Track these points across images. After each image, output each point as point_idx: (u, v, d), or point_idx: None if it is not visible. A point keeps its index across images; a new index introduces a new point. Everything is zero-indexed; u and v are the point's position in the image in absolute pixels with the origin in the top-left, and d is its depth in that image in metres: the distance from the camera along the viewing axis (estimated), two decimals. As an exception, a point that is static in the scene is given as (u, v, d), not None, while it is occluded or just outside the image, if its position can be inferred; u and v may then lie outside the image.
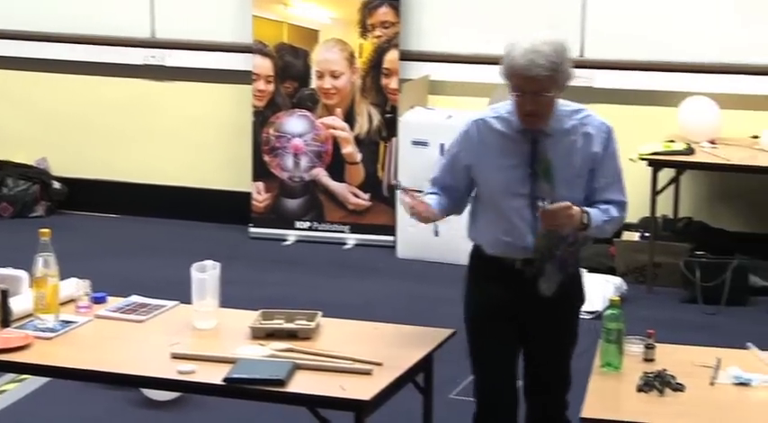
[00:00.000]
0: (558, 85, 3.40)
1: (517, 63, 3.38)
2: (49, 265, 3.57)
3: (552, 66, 3.35)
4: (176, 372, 3.29)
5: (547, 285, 3.50)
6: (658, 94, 6.58)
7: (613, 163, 3.54)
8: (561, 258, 3.50)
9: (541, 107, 3.42)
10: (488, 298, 3.61)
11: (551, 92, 3.40)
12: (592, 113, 3.55)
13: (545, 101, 3.41)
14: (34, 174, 7.56)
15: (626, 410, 3.11)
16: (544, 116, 3.44)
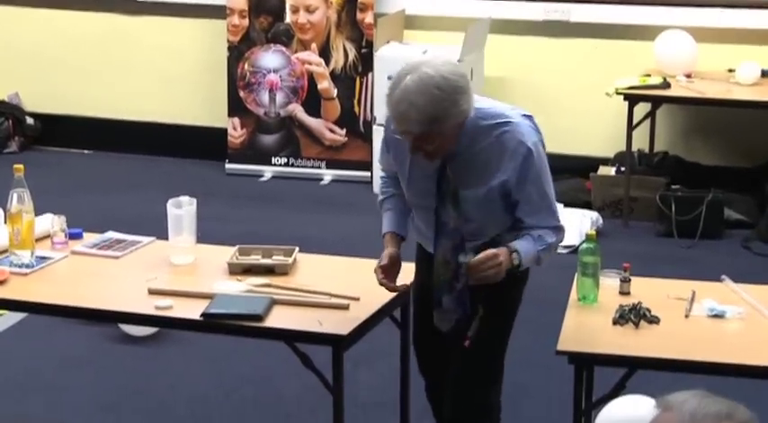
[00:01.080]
0: (442, 131, 2.99)
1: (391, 110, 3.03)
2: (24, 200, 3.55)
3: (428, 120, 2.94)
4: (154, 307, 3.29)
5: (440, 320, 3.25)
6: (634, 27, 6.56)
7: (535, 187, 3.10)
8: (461, 292, 3.19)
9: (431, 150, 3.03)
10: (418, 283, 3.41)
11: (434, 141, 3.00)
12: (513, 129, 3.08)
13: (431, 147, 3.03)
14: (6, 109, 7.49)
15: (601, 343, 3.13)
16: (439, 154, 3.06)
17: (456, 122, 3.01)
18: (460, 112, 2.99)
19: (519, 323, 4.63)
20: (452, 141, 3.05)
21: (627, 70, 6.28)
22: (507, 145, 3.06)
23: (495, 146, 3.07)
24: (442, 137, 3.01)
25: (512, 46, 6.78)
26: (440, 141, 3.02)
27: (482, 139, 3.08)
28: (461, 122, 3.03)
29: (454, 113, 2.98)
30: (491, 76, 6.80)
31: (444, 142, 3.04)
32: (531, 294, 4.73)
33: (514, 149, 3.06)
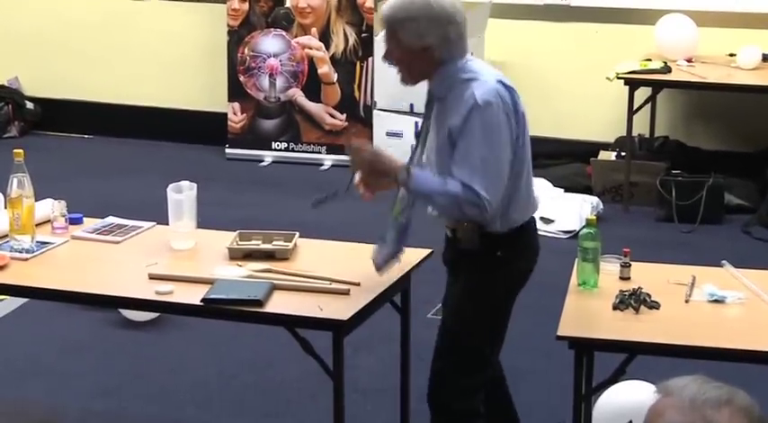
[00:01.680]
0: (397, 40, 3.20)
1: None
2: (24, 185, 3.54)
3: (390, 18, 3.19)
4: (154, 292, 3.29)
5: (375, 253, 3.34)
6: (635, 11, 6.54)
7: (468, 141, 3.13)
8: (404, 227, 3.30)
9: (393, 60, 3.26)
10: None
11: (392, 45, 3.22)
12: (477, 84, 3.18)
13: (393, 54, 3.24)
14: (6, 93, 7.49)
15: (601, 328, 3.13)
16: (400, 71, 3.27)
17: (412, 42, 3.19)
18: (416, 33, 3.18)
19: (519, 308, 4.64)
20: (412, 67, 3.24)
21: (627, 55, 6.27)
22: (465, 94, 3.18)
23: (459, 95, 3.20)
24: (400, 49, 3.22)
25: (512, 30, 6.76)
26: (399, 54, 3.23)
27: (455, 90, 3.21)
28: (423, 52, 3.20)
29: (410, 29, 3.18)
30: (492, 60, 6.78)
31: (403, 59, 3.23)
32: (531, 279, 4.73)
33: (467, 99, 3.17)
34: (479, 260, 3.29)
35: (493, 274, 3.33)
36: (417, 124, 3.74)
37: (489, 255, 3.28)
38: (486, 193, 3.13)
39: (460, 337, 3.38)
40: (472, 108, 3.14)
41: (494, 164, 3.15)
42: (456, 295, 3.40)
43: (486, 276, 3.33)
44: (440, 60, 3.22)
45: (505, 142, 3.18)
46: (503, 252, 3.31)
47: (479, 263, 3.30)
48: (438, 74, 3.24)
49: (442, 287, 5.24)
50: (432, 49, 3.20)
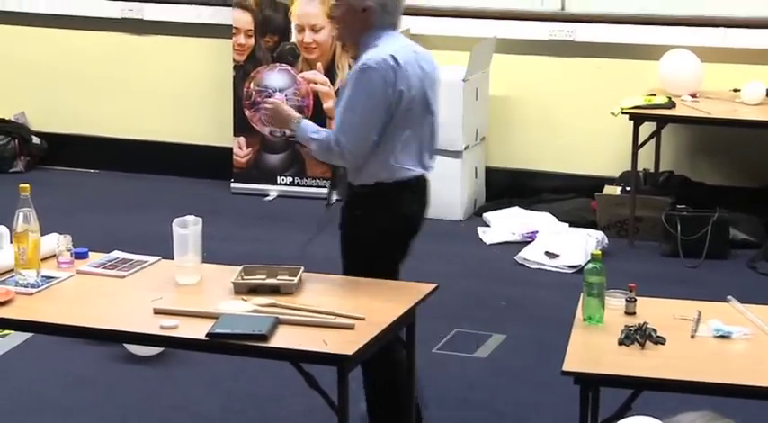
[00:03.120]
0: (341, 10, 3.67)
1: None
2: (30, 220, 3.55)
3: None
4: (159, 327, 3.29)
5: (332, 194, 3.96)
6: (639, 47, 6.57)
7: (343, 97, 3.66)
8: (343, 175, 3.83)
9: (336, 19, 3.73)
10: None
11: (338, 5, 3.69)
12: (375, 50, 3.65)
13: (337, 14, 3.71)
14: (13, 128, 7.51)
15: (607, 363, 3.13)
16: (340, 31, 3.76)
17: (357, 3, 3.63)
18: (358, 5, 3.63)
19: (523, 342, 4.64)
20: (349, 27, 3.68)
21: (632, 90, 6.28)
22: (362, 58, 3.65)
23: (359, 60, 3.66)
24: (344, 10, 3.66)
25: (517, 65, 6.79)
26: (341, 14, 3.68)
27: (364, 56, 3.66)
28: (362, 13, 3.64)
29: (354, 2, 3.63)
30: (497, 95, 6.82)
31: (344, 19, 3.68)
32: (536, 314, 4.75)
33: (358, 62, 3.64)
34: (347, 215, 3.76)
35: (355, 232, 3.75)
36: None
37: (349, 210, 3.76)
38: (346, 143, 3.60)
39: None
40: (357, 70, 3.62)
41: (358, 120, 3.60)
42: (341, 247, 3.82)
43: (351, 233, 3.77)
44: (372, 25, 3.66)
45: (376, 105, 3.60)
46: (361, 211, 3.74)
47: (347, 218, 3.76)
48: (365, 41, 3.68)
49: (448, 322, 5.24)
50: (369, 11, 3.65)
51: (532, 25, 6.69)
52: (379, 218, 3.74)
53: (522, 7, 6.70)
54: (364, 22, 3.67)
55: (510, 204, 6.62)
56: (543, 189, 6.79)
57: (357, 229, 3.76)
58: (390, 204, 3.75)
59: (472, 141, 6.63)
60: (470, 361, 4.80)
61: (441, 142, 6.52)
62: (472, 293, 5.51)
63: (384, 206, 3.74)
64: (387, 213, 3.75)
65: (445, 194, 6.56)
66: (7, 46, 7.55)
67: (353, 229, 3.76)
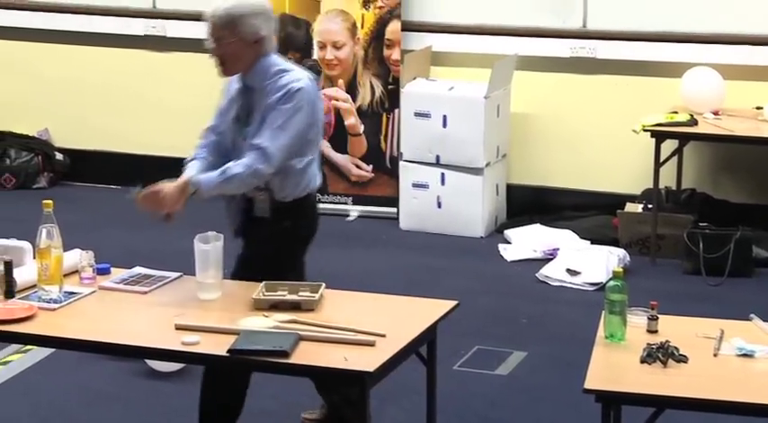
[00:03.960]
0: (237, 34, 3.76)
1: (206, 12, 3.84)
2: (53, 236, 3.57)
3: (229, 16, 3.76)
4: (180, 343, 3.30)
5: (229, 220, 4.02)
6: (661, 64, 6.55)
7: (274, 115, 3.76)
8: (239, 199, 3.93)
9: (224, 55, 3.81)
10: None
11: (230, 38, 3.77)
12: (290, 74, 3.83)
13: (225, 49, 3.80)
14: (36, 145, 7.56)
15: (629, 382, 3.11)
16: (229, 64, 3.83)
17: (249, 34, 3.76)
18: (254, 25, 3.77)
19: (545, 360, 4.62)
20: (242, 60, 3.80)
21: (654, 107, 6.27)
22: (281, 82, 3.79)
23: (273, 84, 3.80)
24: (234, 44, 3.76)
25: (539, 82, 6.79)
26: (232, 48, 3.77)
27: (269, 79, 3.81)
28: (255, 44, 3.78)
29: (249, 23, 3.77)
30: (518, 112, 6.81)
31: (235, 52, 3.78)
32: (557, 331, 4.73)
33: (284, 84, 3.78)
34: (270, 228, 3.85)
35: (280, 241, 3.87)
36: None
37: (278, 223, 3.85)
38: (276, 152, 3.74)
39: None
40: (287, 91, 3.76)
41: (286, 135, 3.76)
42: (248, 259, 3.91)
43: (275, 243, 3.86)
44: (263, 53, 3.82)
45: (301, 123, 3.78)
46: (290, 221, 3.87)
47: (270, 230, 3.85)
48: (256, 66, 3.82)
49: (468, 339, 5.23)
50: (262, 41, 3.80)
51: (554, 42, 6.69)
52: (304, 226, 3.97)
53: (544, 24, 6.70)
54: (257, 52, 3.82)
55: (531, 221, 6.61)
56: (565, 206, 6.77)
57: (284, 239, 3.91)
58: (313, 212, 4.03)
59: (493, 158, 6.63)
60: (491, 378, 4.79)
61: (462, 159, 6.62)
62: (493, 310, 5.50)
63: (307, 214, 3.98)
64: (309, 221, 4.01)
65: (466, 211, 6.56)
66: (31, 63, 7.60)
67: (281, 239, 3.89)
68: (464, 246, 6.41)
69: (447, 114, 6.49)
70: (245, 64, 3.83)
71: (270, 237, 3.90)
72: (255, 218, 3.90)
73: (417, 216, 6.64)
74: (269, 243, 3.90)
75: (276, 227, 3.89)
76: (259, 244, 3.93)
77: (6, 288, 3.60)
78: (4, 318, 3.44)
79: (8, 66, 7.64)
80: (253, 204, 3.90)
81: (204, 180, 3.79)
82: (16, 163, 7.47)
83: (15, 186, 7.45)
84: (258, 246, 3.93)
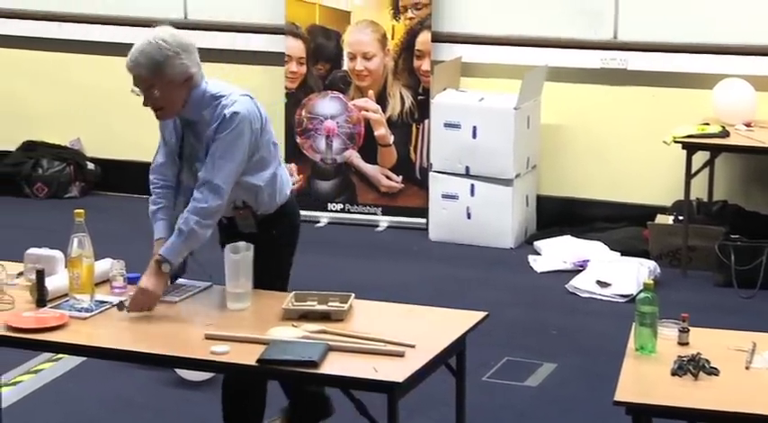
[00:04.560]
0: (165, 79, 3.66)
1: (127, 63, 3.75)
2: (84, 245, 3.59)
3: (154, 64, 3.66)
4: (210, 352, 3.31)
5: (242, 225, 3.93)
6: (693, 76, 6.52)
7: (215, 146, 3.70)
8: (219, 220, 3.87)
9: (158, 101, 3.72)
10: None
11: (159, 89, 3.68)
12: (229, 100, 3.75)
13: (158, 96, 3.70)
14: (68, 154, 7.61)
15: (660, 394, 3.10)
16: (167, 108, 3.76)
17: (179, 75, 3.68)
18: (182, 64, 3.68)
19: (575, 372, 4.60)
20: (177, 100, 3.72)
21: (685, 119, 6.24)
22: (218, 110, 3.72)
23: (211, 112, 3.74)
24: (166, 88, 3.68)
25: (569, 94, 6.78)
26: (164, 93, 3.68)
27: (207, 109, 3.75)
28: (186, 82, 3.70)
29: (176, 64, 3.68)
30: (548, 123, 6.80)
31: (169, 96, 3.70)
32: (587, 343, 4.72)
33: (220, 113, 3.71)
34: (259, 239, 3.79)
35: (271, 250, 3.86)
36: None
37: (266, 233, 3.86)
38: (223, 184, 3.69)
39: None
40: (226, 118, 3.70)
41: (230, 164, 3.70)
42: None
43: (266, 252, 3.79)
44: (195, 86, 3.73)
45: (244, 146, 3.72)
46: (276, 230, 3.90)
47: (259, 242, 3.77)
48: (190, 101, 3.74)
49: (498, 350, 5.22)
50: (193, 76, 3.72)
51: (584, 53, 6.68)
52: (290, 232, 4.03)
53: (575, 35, 6.69)
54: (188, 88, 3.74)
55: (561, 232, 6.59)
56: (595, 217, 6.75)
57: (272, 248, 3.91)
58: (295, 213, 4.07)
59: (523, 169, 6.62)
60: (521, 390, 4.77)
61: (492, 170, 6.62)
62: (523, 322, 5.49)
63: (291, 218, 4.03)
64: (294, 223, 4.06)
65: (496, 222, 6.55)
66: (63, 73, 7.65)
67: (271, 248, 3.89)
68: (494, 257, 6.40)
69: (477, 125, 6.49)
70: (179, 103, 3.75)
71: (260, 247, 3.79)
72: (242, 233, 3.87)
73: (447, 227, 6.64)
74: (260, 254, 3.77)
75: (265, 236, 3.88)
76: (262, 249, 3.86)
77: (38, 297, 3.63)
78: (36, 326, 3.47)
79: (41, 76, 7.70)
80: (236, 223, 3.89)
81: (169, 253, 3.69)
82: (48, 172, 7.53)
83: (47, 196, 7.50)
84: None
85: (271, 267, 3.89)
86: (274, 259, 3.94)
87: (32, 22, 7.55)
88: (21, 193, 7.50)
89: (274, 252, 3.93)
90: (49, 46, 7.60)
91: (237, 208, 3.85)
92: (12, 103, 7.77)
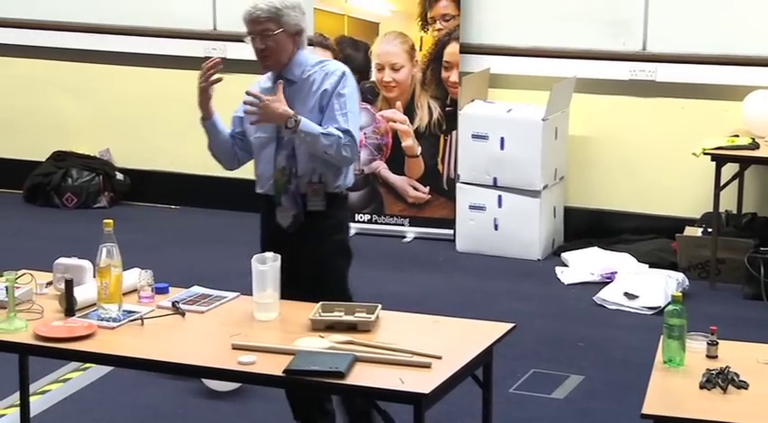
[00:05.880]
0: (282, 26, 3.97)
1: (245, 11, 4.03)
2: (113, 255, 3.61)
3: (272, 9, 3.97)
4: (237, 362, 3.31)
5: (281, 216, 4.02)
6: (722, 87, 6.50)
7: (342, 99, 3.98)
8: (294, 192, 4.00)
9: (269, 50, 4.00)
10: (263, 233, 4.19)
11: (275, 31, 3.96)
12: (333, 62, 4.11)
13: (271, 44, 3.98)
14: (98, 165, 7.65)
15: (688, 408, 3.08)
16: (274, 58, 4.01)
17: (292, 26, 3.98)
18: (296, 17, 4.00)
19: (602, 384, 4.58)
20: (285, 52, 4.00)
21: (714, 130, 6.22)
22: (328, 69, 4.04)
23: (319, 72, 4.03)
24: (279, 36, 3.96)
25: (598, 105, 6.76)
26: (277, 41, 3.97)
27: (310, 70, 4.04)
28: (295, 35, 4.00)
29: (292, 15, 3.99)
30: (576, 134, 6.79)
31: (280, 46, 3.98)
32: (614, 355, 4.69)
33: (334, 71, 4.02)
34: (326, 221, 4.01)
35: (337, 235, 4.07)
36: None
37: (331, 215, 4.02)
38: (357, 136, 3.98)
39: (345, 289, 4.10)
40: (341, 76, 4.00)
41: (357, 117, 4.05)
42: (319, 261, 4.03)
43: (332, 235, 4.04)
44: (300, 45, 4.04)
45: (358, 105, 4.08)
46: (342, 213, 4.09)
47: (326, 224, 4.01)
48: (294, 60, 4.03)
49: (525, 362, 5.20)
50: (302, 32, 4.02)
51: (613, 65, 6.66)
52: (347, 218, 4.20)
53: (603, 47, 6.68)
54: (296, 44, 4.03)
55: (589, 244, 6.57)
56: (623, 229, 6.73)
57: (340, 233, 4.12)
58: (347, 206, 4.22)
59: (551, 181, 6.60)
60: (548, 402, 4.76)
61: (519, 181, 6.61)
62: (550, 334, 5.47)
63: (347, 207, 4.21)
64: (348, 213, 4.26)
65: (523, 233, 6.54)
66: (93, 84, 7.70)
67: (337, 233, 4.09)
68: (521, 268, 6.39)
69: (505, 136, 6.48)
70: (287, 56, 4.01)
71: (327, 232, 4.04)
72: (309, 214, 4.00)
73: (474, 238, 6.63)
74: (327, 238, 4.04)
75: (333, 221, 4.05)
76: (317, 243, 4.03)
77: (67, 306, 3.65)
78: (65, 335, 3.48)
79: (70, 87, 7.75)
80: (304, 201, 4.01)
81: (306, 122, 3.93)
82: (78, 182, 7.57)
83: (76, 206, 7.54)
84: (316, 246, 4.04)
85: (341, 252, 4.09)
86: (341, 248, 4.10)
87: (63, 34, 7.60)
88: (50, 203, 7.55)
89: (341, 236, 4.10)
90: (78, 57, 7.65)
91: (312, 182, 3.99)
92: (42, 114, 7.82)
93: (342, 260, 4.13)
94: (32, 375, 4.15)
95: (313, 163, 3.99)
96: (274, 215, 4.06)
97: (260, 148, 4.14)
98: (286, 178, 4.03)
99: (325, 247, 4.06)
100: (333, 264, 4.10)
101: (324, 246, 4.06)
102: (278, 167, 4.05)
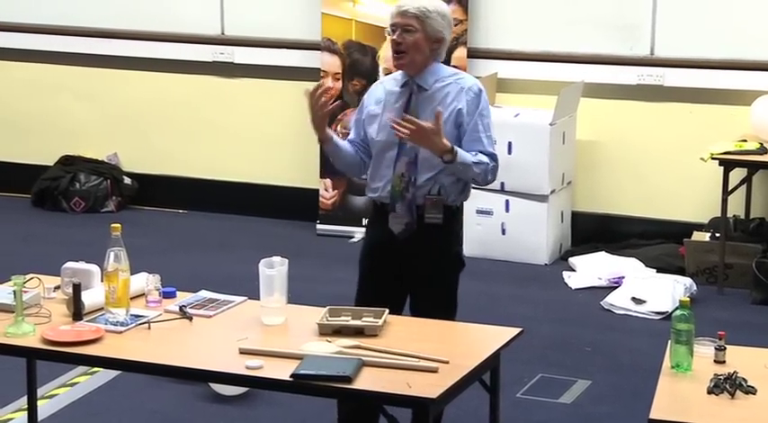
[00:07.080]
0: (424, 28, 3.92)
1: (397, 5, 3.98)
2: (120, 259, 3.61)
3: (421, 9, 3.93)
4: (244, 367, 3.31)
5: (394, 223, 3.95)
6: (730, 92, 6.49)
7: (483, 119, 3.94)
8: (410, 200, 3.92)
9: (407, 46, 3.91)
10: (370, 238, 4.12)
11: (417, 30, 3.91)
12: (468, 77, 4.03)
13: (410, 40, 3.91)
14: (105, 169, 7.67)
15: (695, 413, 3.07)
16: (408, 57, 3.93)
17: (434, 32, 3.93)
18: (441, 25, 3.94)
19: (610, 389, 4.57)
20: (421, 54, 3.93)
21: (722, 135, 6.21)
22: (464, 84, 3.97)
23: (454, 85, 3.96)
24: (419, 37, 3.91)
25: (605, 110, 6.76)
26: (416, 41, 3.91)
27: (444, 80, 3.97)
28: (435, 43, 3.93)
29: (438, 23, 3.94)
30: (583, 139, 6.78)
31: (418, 46, 3.92)
32: (622, 360, 4.69)
33: (470, 87, 3.96)
34: (443, 234, 3.95)
35: (453, 248, 4.00)
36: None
37: (448, 229, 3.96)
38: (497, 158, 3.96)
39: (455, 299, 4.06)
40: (478, 93, 3.94)
41: (493, 139, 3.97)
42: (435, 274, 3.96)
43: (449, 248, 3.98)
44: (437, 56, 3.98)
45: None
46: (458, 225, 4.02)
47: (443, 237, 3.95)
48: (430, 68, 3.97)
49: (532, 367, 5.19)
50: (442, 42, 3.96)
51: (621, 70, 6.66)
52: (461, 229, 4.09)
53: (611, 52, 6.68)
54: (434, 52, 3.97)
55: (596, 249, 6.56)
56: (630, 234, 6.72)
57: (456, 246, 4.03)
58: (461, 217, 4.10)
59: (558, 185, 6.60)
60: (555, 407, 4.75)
61: (527, 186, 6.60)
62: (557, 338, 5.47)
63: (461, 218, 4.09)
64: (462, 224, 4.10)
65: (531, 238, 6.54)
66: (101, 89, 7.72)
67: (453, 246, 4.02)
68: (528, 273, 6.38)
69: (512, 141, 6.48)
70: (421, 59, 3.94)
71: (444, 245, 3.97)
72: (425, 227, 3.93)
73: (481, 242, 6.62)
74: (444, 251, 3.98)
75: (449, 234, 3.99)
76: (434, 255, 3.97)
77: (75, 310, 3.65)
78: (72, 340, 3.49)
79: (79, 91, 7.76)
80: (419, 211, 3.93)
81: (462, 153, 3.87)
82: (86, 187, 7.59)
83: (84, 210, 7.56)
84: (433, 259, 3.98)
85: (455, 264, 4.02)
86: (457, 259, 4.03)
87: (71, 39, 7.62)
88: (58, 208, 7.56)
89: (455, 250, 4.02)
90: (86, 62, 7.66)
91: (431, 196, 3.92)
92: (50, 118, 7.84)
93: (457, 273, 4.05)
94: (40, 379, 4.15)
95: (433, 174, 3.91)
96: (385, 221, 3.98)
97: (381, 151, 4.02)
98: (404, 185, 3.94)
99: (442, 260, 3.99)
100: (449, 277, 4.03)
101: (441, 259, 3.98)
102: (397, 173, 3.95)
